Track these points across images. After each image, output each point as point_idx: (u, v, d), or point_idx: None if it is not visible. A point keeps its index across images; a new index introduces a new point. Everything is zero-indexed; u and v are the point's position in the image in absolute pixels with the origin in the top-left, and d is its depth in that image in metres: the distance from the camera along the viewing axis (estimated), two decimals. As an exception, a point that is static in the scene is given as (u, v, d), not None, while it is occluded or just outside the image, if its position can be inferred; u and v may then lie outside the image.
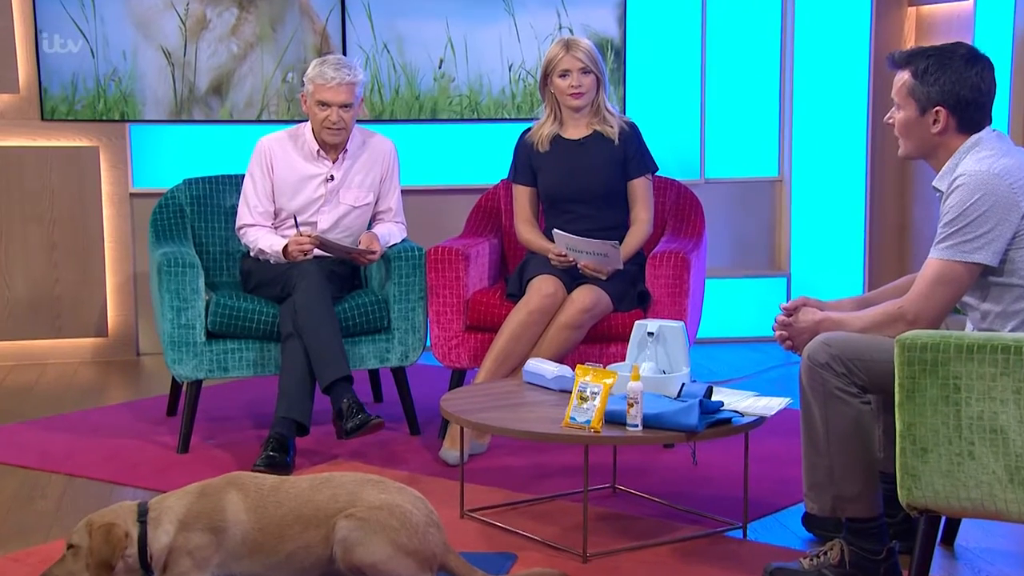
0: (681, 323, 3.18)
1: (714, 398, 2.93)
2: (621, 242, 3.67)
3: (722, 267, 5.26)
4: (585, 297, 3.56)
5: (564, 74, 3.70)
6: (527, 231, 3.80)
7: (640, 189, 3.79)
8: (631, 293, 3.70)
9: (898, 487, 2.37)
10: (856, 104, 5.16)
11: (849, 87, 5.16)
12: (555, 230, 3.59)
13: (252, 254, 3.83)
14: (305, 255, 3.67)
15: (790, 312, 2.76)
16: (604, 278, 3.61)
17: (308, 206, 3.81)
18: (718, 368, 4.72)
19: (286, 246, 3.70)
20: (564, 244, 3.59)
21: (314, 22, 4.85)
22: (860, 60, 5.15)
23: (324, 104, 3.72)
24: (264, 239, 3.76)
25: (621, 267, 3.61)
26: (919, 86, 2.64)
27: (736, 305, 5.21)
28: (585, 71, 3.70)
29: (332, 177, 3.82)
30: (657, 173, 3.89)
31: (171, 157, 4.91)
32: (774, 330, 2.79)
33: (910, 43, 5.15)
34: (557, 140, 3.81)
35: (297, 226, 3.76)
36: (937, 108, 2.62)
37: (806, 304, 2.78)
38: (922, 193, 5.22)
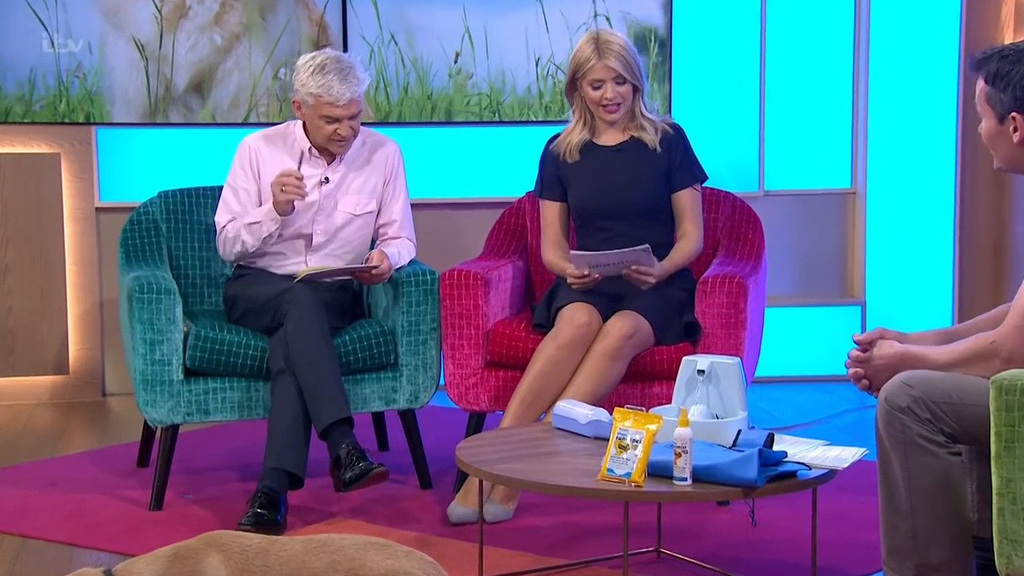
0: (737, 359, 3.18)
1: (776, 447, 2.93)
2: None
3: (784, 294, 5.26)
4: (624, 323, 3.57)
5: (597, 85, 3.72)
6: (552, 255, 3.82)
7: (687, 201, 3.80)
8: (677, 323, 3.70)
9: (995, 555, 2.36)
10: (944, 104, 5.16)
11: (935, 84, 5.15)
12: (572, 252, 3.60)
13: (236, 253, 3.82)
14: (297, 194, 3.67)
15: (865, 345, 2.76)
16: (654, 280, 3.60)
17: (300, 214, 3.84)
18: (780, 412, 4.70)
19: (273, 195, 3.70)
20: (587, 264, 3.60)
21: (310, 10, 4.89)
22: (948, 53, 5.14)
23: (331, 119, 3.75)
24: (248, 218, 3.77)
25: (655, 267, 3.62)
26: (993, 92, 2.65)
27: (801, 338, 5.19)
28: (620, 81, 3.72)
29: (327, 179, 3.85)
30: (707, 184, 3.90)
31: (144, 166, 4.95)
32: (847, 367, 2.79)
33: (1008, 35, 5.15)
34: (588, 148, 3.83)
35: (300, 163, 3.76)
36: (1013, 114, 2.63)
37: (884, 336, 2.78)
38: (1023, 208, 5.21)
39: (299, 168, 3.77)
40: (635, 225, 3.78)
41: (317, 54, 3.79)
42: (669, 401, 3.29)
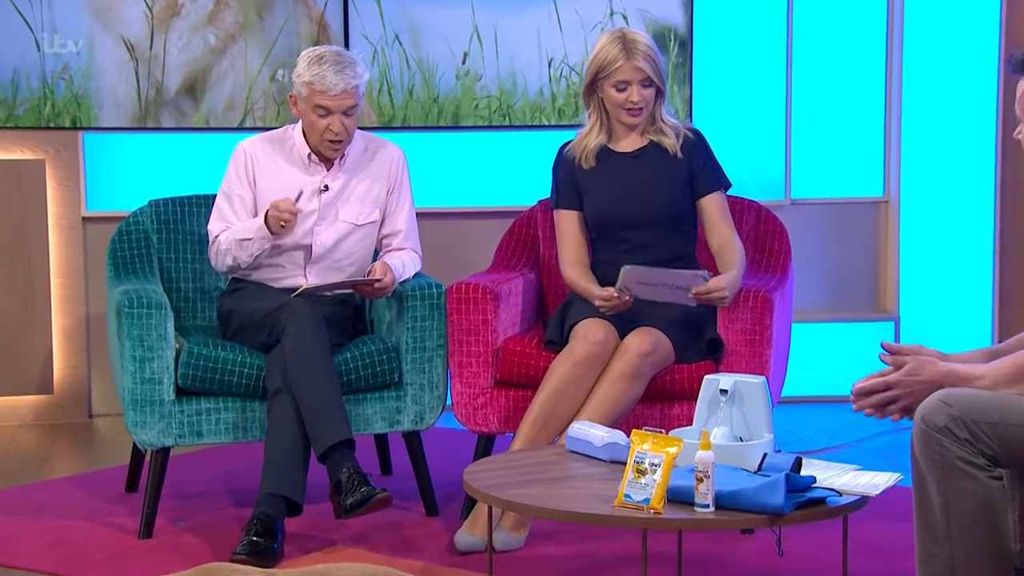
0: (762, 378, 3.18)
1: (804, 472, 2.92)
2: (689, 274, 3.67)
3: (813, 309, 5.26)
4: (642, 340, 3.57)
5: (622, 87, 3.72)
6: (574, 272, 3.80)
7: (716, 206, 3.79)
8: (699, 340, 3.70)
9: (1037, 586, 2.35)
10: (982, 107, 5.16)
11: (974, 85, 5.15)
12: (626, 267, 3.56)
13: (229, 266, 3.83)
14: (285, 226, 3.71)
15: (895, 354, 2.75)
16: (730, 298, 3.57)
17: (298, 224, 3.84)
18: (809, 435, 4.70)
19: (267, 217, 3.73)
20: (635, 281, 3.57)
21: (310, 8, 4.91)
22: (987, 53, 5.14)
23: (324, 110, 3.76)
24: (240, 233, 3.79)
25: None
26: None
27: (831, 356, 5.19)
28: (646, 83, 3.72)
29: (327, 187, 3.86)
30: (730, 192, 3.90)
31: (134, 173, 4.96)
32: (873, 384, 2.77)
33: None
34: (605, 153, 3.83)
35: (298, 200, 3.78)
36: None
37: (920, 353, 2.77)
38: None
39: (297, 201, 3.78)
40: (657, 235, 3.78)
41: (319, 47, 3.84)
42: (690, 423, 3.29)
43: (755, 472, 2.92)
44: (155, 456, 3.71)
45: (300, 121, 3.87)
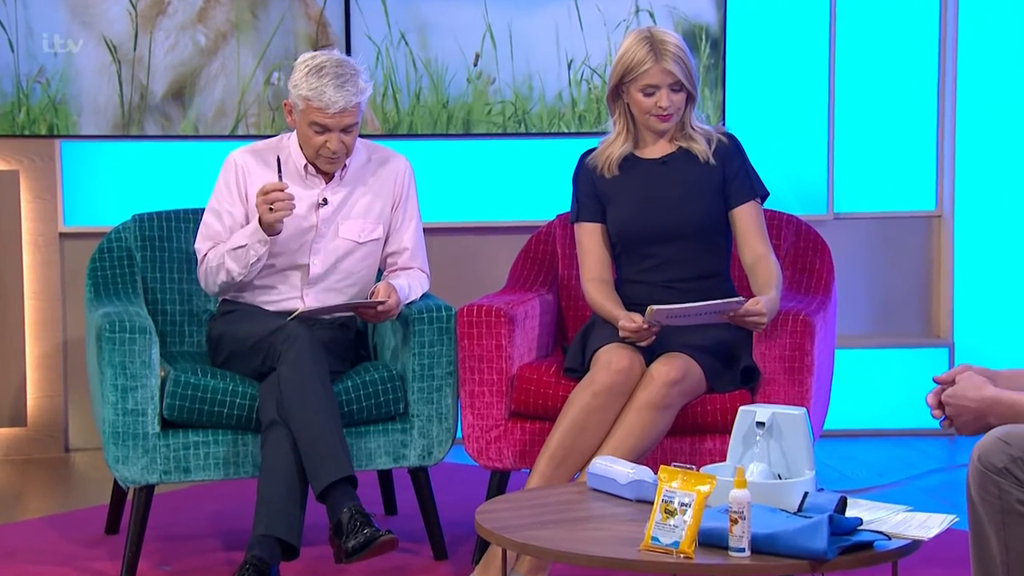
0: (803, 410, 3.18)
1: (849, 513, 2.92)
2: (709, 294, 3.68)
3: (858, 333, 5.25)
4: (670, 367, 3.57)
5: (650, 91, 3.73)
6: (595, 291, 3.80)
7: (750, 217, 3.80)
8: (733, 368, 3.70)
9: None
10: (1045, 113, 5.17)
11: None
12: (652, 307, 3.55)
13: (221, 284, 3.84)
14: (287, 210, 3.69)
15: (948, 384, 2.76)
16: (767, 321, 3.55)
17: (295, 241, 3.85)
18: (854, 472, 4.69)
19: (259, 217, 3.72)
20: (664, 317, 3.58)
21: (308, 5, 4.93)
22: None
23: (320, 127, 3.78)
24: (231, 242, 3.79)
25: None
26: None
27: (878, 386, 5.18)
28: (676, 87, 3.73)
29: (325, 201, 3.87)
30: (767, 203, 3.90)
31: (116, 185, 4.98)
32: (928, 402, 2.78)
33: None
34: (629, 161, 3.84)
35: (280, 170, 3.78)
36: None
37: (968, 372, 2.77)
38: None
39: (281, 175, 3.78)
40: (687, 249, 3.79)
41: (319, 54, 3.82)
42: (723, 458, 3.29)
43: (795, 513, 2.92)
44: (138, 495, 3.72)
45: (296, 130, 3.88)
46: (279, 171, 3.79)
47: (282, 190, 3.72)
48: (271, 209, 3.70)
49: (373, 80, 3.97)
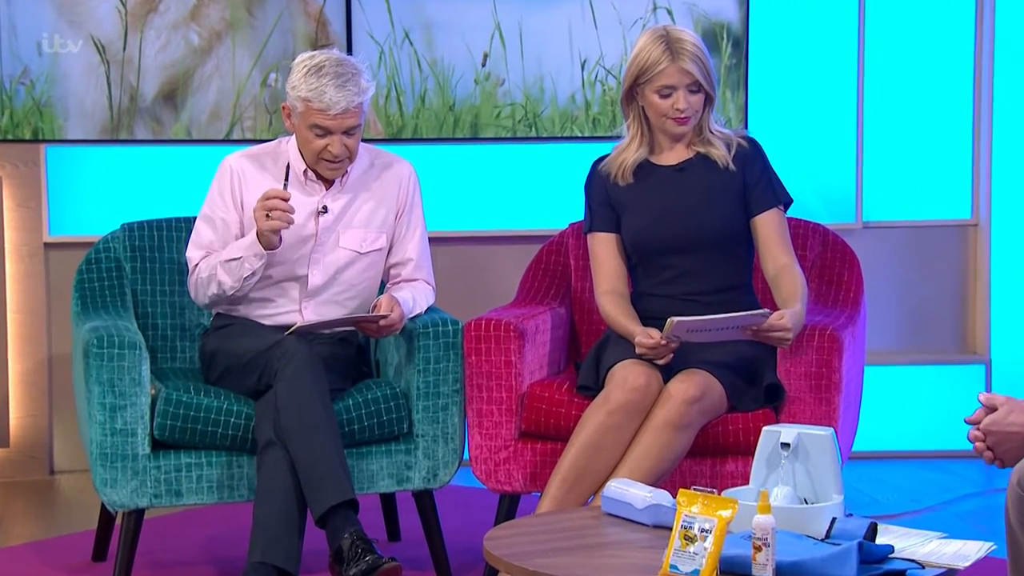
0: (830, 430, 3.18)
1: (879, 540, 2.92)
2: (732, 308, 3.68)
3: (889, 349, 5.25)
4: (689, 385, 3.57)
5: (666, 93, 3.74)
6: (610, 304, 3.81)
7: (773, 225, 3.80)
8: (756, 385, 3.71)
9: None
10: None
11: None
12: (672, 319, 3.56)
13: (212, 297, 3.84)
14: (287, 221, 3.69)
15: (992, 409, 2.75)
16: (792, 337, 3.55)
17: (293, 251, 3.86)
18: (885, 496, 4.68)
19: (256, 229, 3.72)
20: (684, 330, 3.59)
21: (307, 2, 4.94)
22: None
23: (322, 130, 3.79)
24: (225, 254, 3.79)
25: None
26: None
27: (910, 405, 5.17)
28: (694, 88, 3.74)
29: (325, 209, 3.88)
30: (791, 211, 3.91)
31: (104, 192, 4.99)
32: (969, 437, 2.77)
33: None
34: (645, 167, 3.85)
35: (287, 178, 3.78)
36: None
37: (1011, 402, 2.77)
38: None
39: (286, 184, 3.79)
40: (706, 260, 3.79)
41: (317, 53, 3.83)
42: (746, 481, 3.29)
43: (822, 540, 2.92)
44: (127, 519, 3.72)
45: (294, 134, 3.89)
46: (285, 179, 3.79)
47: (284, 199, 3.73)
48: (268, 216, 3.71)
49: (376, 80, 3.96)
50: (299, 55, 3.86)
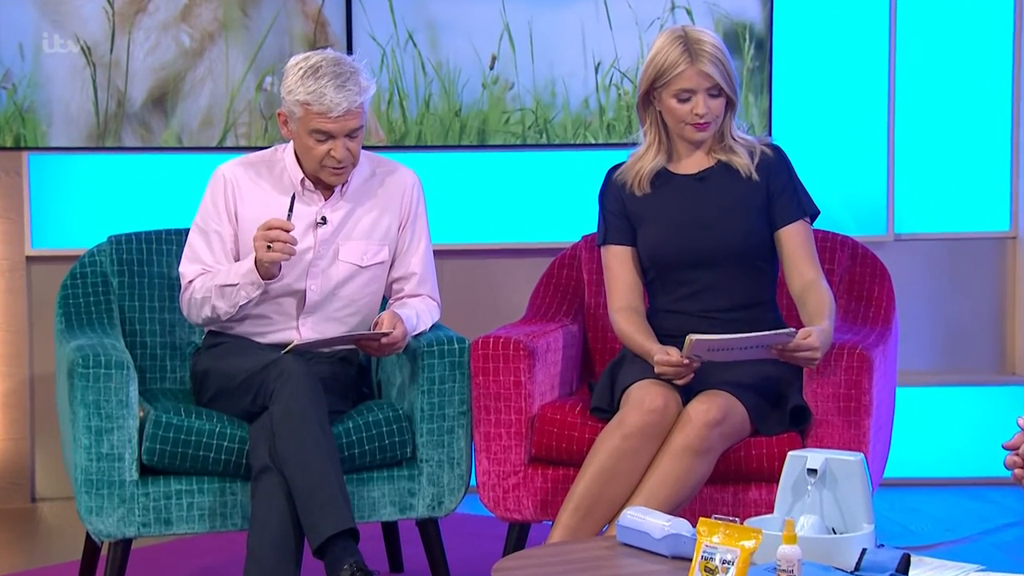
0: (860, 455, 3.18)
1: (913, 572, 2.92)
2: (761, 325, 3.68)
3: (922, 369, 5.24)
4: (710, 407, 3.57)
5: (685, 97, 3.74)
6: (625, 322, 3.81)
7: (799, 238, 3.80)
8: (781, 407, 3.71)
9: None
10: None
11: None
12: (691, 336, 3.56)
13: (205, 319, 3.85)
14: (287, 254, 3.70)
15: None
16: (820, 356, 3.55)
17: (290, 266, 3.84)
18: (919, 525, 4.68)
19: (255, 253, 3.72)
20: (704, 349, 3.59)
21: (305, 2, 4.95)
22: None
23: (323, 135, 3.79)
24: (221, 278, 3.80)
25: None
26: None
27: (945, 428, 5.17)
28: (714, 92, 3.74)
29: (324, 220, 3.88)
30: (818, 223, 3.91)
31: (90, 203, 5.00)
32: (1007, 463, 2.77)
33: None
34: (663, 176, 3.85)
35: (291, 209, 3.78)
36: None
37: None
38: None
39: (291, 214, 3.78)
40: (727, 275, 3.79)
41: (312, 54, 3.83)
42: (770, 510, 3.29)
43: (852, 572, 2.92)
44: (113, 550, 3.73)
45: (292, 141, 3.90)
46: (290, 210, 3.79)
47: (287, 230, 3.73)
48: (269, 247, 3.71)
49: (376, 81, 3.97)
50: (292, 58, 3.85)
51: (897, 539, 4.39)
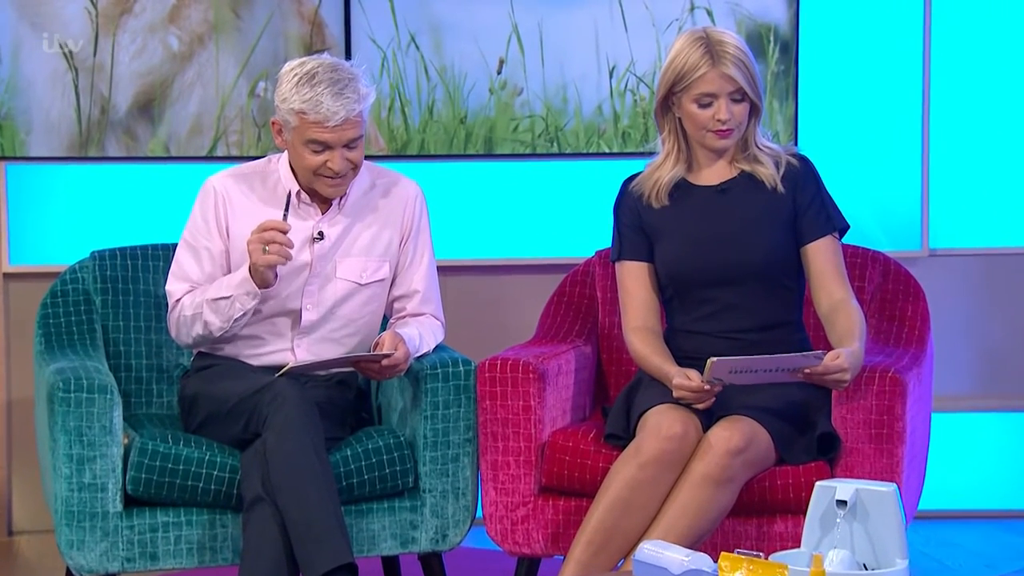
0: (893, 486, 3.18)
1: (948, 609, 2.92)
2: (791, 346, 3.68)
3: (959, 394, 5.24)
4: (732, 433, 3.57)
5: (706, 102, 3.75)
6: (641, 343, 3.81)
7: (827, 254, 3.80)
8: (808, 434, 3.71)
9: None
10: None
11: None
12: (712, 359, 3.56)
13: (196, 338, 3.85)
14: (285, 257, 3.71)
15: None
16: (850, 377, 3.56)
17: (286, 283, 3.86)
18: (956, 561, 4.67)
19: (250, 262, 3.73)
20: (726, 372, 3.59)
21: (300, 3, 4.96)
22: None
23: (321, 145, 3.79)
24: (212, 291, 3.80)
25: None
26: None
27: (983, 457, 5.17)
28: (737, 97, 3.75)
29: (321, 235, 3.89)
30: (847, 237, 3.91)
31: (71, 216, 5.00)
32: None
33: None
34: (682, 187, 3.86)
35: (287, 208, 3.79)
36: None
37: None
38: None
39: (286, 215, 3.80)
40: (751, 294, 3.80)
41: (307, 60, 3.84)
42: (797, 544, 3.29)
43: (883, 609, 2.92)
44: (96, 585, 3.73)
45: (287, 151, 3.90)
46: (285, 209, 3.80)
47: (283, 231, 3.74)
48: (265, 250, 3.71)
49: (376, 87, 3.97)
50: (286, 64, 3.86)
51: (933, 574, 4.39)
